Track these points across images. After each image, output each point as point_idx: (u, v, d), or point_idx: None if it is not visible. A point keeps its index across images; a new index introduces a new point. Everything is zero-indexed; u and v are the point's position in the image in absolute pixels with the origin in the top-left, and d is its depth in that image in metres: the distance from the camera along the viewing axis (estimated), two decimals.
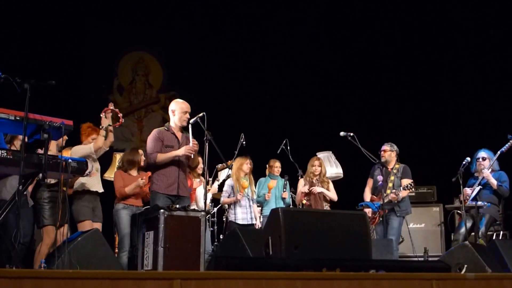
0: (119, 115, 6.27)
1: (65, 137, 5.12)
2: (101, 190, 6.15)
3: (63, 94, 8.31)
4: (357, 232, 3.87)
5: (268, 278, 2.53)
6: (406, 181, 6.81)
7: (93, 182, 6.05)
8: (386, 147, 7.09)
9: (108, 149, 6.30)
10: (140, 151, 6.73)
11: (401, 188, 6.76)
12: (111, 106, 6.15)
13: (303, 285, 2.58)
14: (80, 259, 4.67)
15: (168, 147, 5.57)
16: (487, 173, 6.70)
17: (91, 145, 5.94)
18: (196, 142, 5.57)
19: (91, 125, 6.30)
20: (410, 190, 6.88)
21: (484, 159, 6.90)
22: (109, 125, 6.01)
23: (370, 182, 7.11)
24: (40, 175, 4.26)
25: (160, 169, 5.48)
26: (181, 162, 5.58)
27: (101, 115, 6.03)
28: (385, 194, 6.73)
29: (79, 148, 5.97)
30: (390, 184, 6.88)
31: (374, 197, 6.97)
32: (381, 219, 6.77)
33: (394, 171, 6.95)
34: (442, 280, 2.82)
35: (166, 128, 5.68)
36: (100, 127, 5.97)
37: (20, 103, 4.20)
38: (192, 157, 5.64)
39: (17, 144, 5.26)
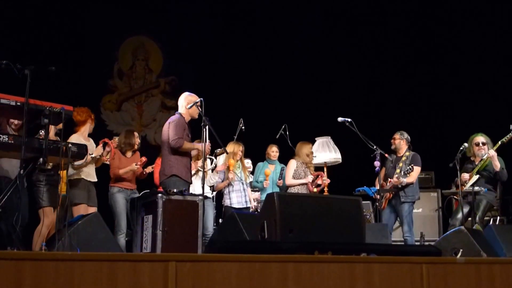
0: (111, 153, 6.27)
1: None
2: (94, 179, 6.25)
3: (63, 79, 8.35)
4: (351, 216, 3.94)
5: (261, 261, 2.60)
6: (412, 167, 6.91)
7: (86, 171, 6.16)
8: (396, 135, 7.22)
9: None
10: (136, 134, 6.81)
11: (402, 173, 6.86)
12: (114, 144, 6.26)
13: (295, 267, 2.66)
14: (81, 242, 4.73)
15: (188, 136, 5.80)
16: (493, 153, 6.72)
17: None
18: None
19: (88, 110, 6.37)
20: (413, 177, 6.95)
21: (484, 144, 6.94)
22: (100, 156, 6.11)
23: (383, 171, 7.21)
24: (41, 159, 4.34)
25: (183, 156, 5.69)
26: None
27: (100, 144, 6.11)
28: (390, 180, 6.92)
29: None
30: (398, 170, 6.97)
31: (384, 183, 7.06)
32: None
33: (403, 158, 7.05)
34: (432, 264, 2.89)
35: (183, 118, 5.84)
36: (90, 154, 6.01)
37: (21, 88, 4.26)
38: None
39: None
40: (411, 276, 2.82)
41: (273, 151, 7.63)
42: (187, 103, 5.83)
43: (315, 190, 7.24)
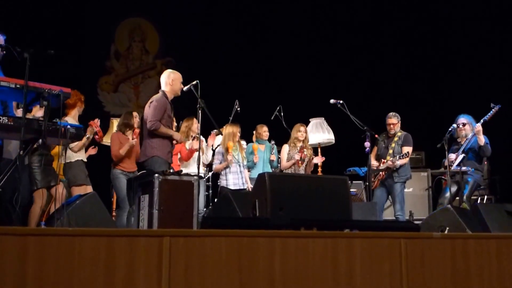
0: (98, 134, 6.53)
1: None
2: (85, 160, 6.48)
3: (60, 60, 8.42)
4: (339, 195, 4.12)
5: (249, 236, 2.77)
6: (406, 149, 7.05)
7: (82, 153, 6.39)
8: (394, 119, 7.27)
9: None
10: (135, 113, 6.92)
11: (398, 156, 7.01)
12: (97, 123, 6.47)
13: (281, 242, 2.83)
14: (79, 221, 4.87)
15: (169, 117, 5.80)
16: (479, 128, 6.81)
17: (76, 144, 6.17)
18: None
19: (77, 93, 6.49)
20: (407, 158, 7.10)
21: (464, 124, 7.07)
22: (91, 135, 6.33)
23: (374, 150, 7.34)
24: (40, 140, 4.48)
25: (163, 137, 5.70)
26: None
27: (89, 126, 6.34)
28: (384, 160, 7.06)
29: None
30: (391, 151, 7.09)
31: (377, 162, 7.20)
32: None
33: (396, 138, 7.17)
34: (410, 239, 3.08)
35: (166, 97, 5.82)
36: (86, 135, 6.22)
37: (21, 71, 4.37)
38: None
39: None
40: (390, 250, 3.00)
41: (265, 131, 7.66)
42: (171, 80, 5.83)
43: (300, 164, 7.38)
